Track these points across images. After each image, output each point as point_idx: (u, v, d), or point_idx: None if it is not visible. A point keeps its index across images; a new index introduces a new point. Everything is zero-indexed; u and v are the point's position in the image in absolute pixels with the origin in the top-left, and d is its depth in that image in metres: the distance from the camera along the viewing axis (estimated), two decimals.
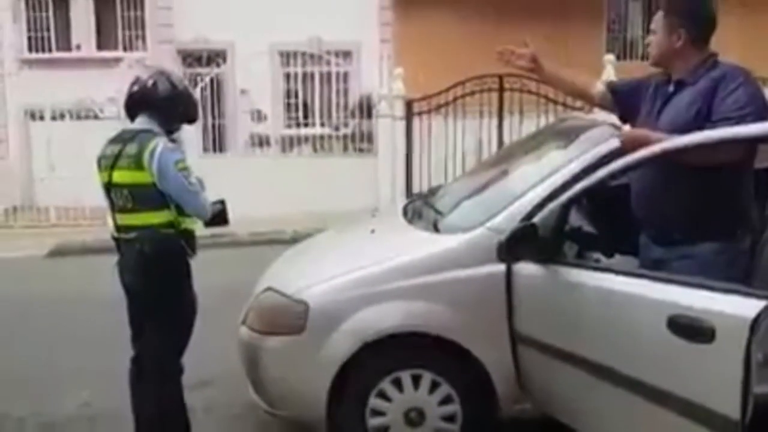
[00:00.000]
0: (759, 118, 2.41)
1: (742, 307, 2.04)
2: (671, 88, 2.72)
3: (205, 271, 3.28)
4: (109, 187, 3.01)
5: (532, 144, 4.07)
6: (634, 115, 2.86)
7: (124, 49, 13.74)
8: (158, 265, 2.95)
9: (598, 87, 3.05)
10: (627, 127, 2.90)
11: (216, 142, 11.69)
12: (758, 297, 2.04)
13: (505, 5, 12.67)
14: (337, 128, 12.14)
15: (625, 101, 2.94)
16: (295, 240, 6.25)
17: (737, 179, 2.59)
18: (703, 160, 2.45)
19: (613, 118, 3.13)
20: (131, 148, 2.94)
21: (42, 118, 10.98)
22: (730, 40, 11.95)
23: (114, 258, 3.14)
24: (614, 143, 2.81)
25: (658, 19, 2.74)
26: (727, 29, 10.67)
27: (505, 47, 3.15)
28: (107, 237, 3.26)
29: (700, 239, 2.55)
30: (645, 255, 2.80)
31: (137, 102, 3.07)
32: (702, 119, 2.50)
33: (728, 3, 12.28)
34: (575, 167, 2.97)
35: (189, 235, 3.04)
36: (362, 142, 11.41)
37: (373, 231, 3.70)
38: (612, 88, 3.02)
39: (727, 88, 2.49)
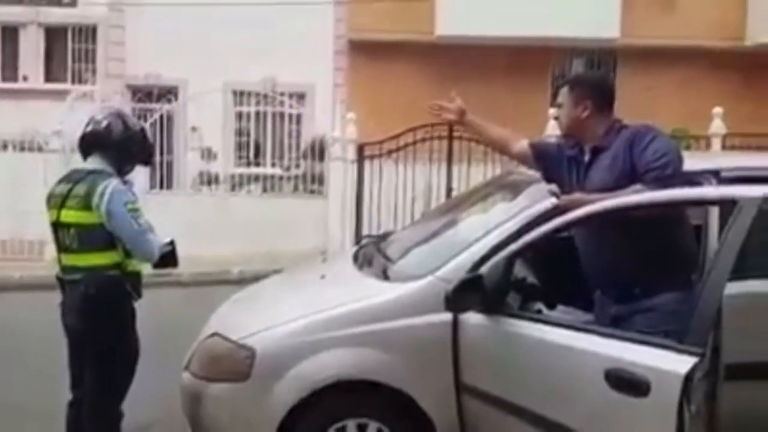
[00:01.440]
0: (678, 163, 2.60)
1: (676, 362, 2.14)
2: (587, 156, 2.87)
3: (148, 312, 3.23)
4: (56, 226, 2.96)
5: (480, 195, 4.18)
6: (555, 174, 3.00)
7: (73, 81, 13.54)
8: (102, 307, 2.89)
9: (522, 145, 3.16)
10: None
11: (163, 179, 11.54)
12: (690, 353, 2.14)
13: (455, 58, 13.05)
14: (288, 169, 12.15)
15: (548, 161, 3.06)
16: (241, 281, 6.20)
17: (683, 227, 2.74)
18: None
19: None
20: (81, 188, 2.91)
21: None
22: (669, 100, 12.62)
23: (50, 295, 3.08)
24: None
25: (565, 93, 2.92)
26: (665, 90, 11.19)
27: (435, 102, 3.26)
28: (44, 273, 3.20)
29: (659, 291, 2.64)
30: (602, 312, 2.85)
31: (90, 142, 3.05)
32: (625, 176, 2.64)
33: (669, 65, 13.02)
34: (521, 220, 3.06)
35: (135, 278, 3.00)
36: (313, 184, 11.43)
37: (323, 276, 3.71)
38: (535, 147, 3.14)
39: (642, 143, 2.65)
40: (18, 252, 9.95)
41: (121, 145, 3.01)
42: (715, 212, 2.89)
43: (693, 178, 2.68)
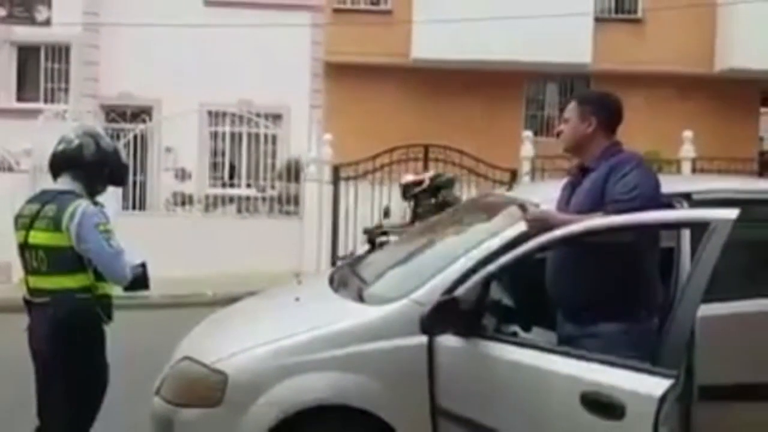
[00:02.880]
0: (648, 199, 2.62)
1: (651, 385, 2.14)
2: (580, 177, 2.92)
3: (117, 334, 3.15)
4: (24, 248, 2.90)
5: (456, 217, 4.19)
6: None
7: (45, 101, 13.39)
8: (71, 331, 2.82)
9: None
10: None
11: (137, 200, 11.40)
12: (664, 376, 2.14)
13: (431, 80, 13.17)
14: (263, 189, 12.09)
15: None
16: (215, 303, 6.10)
17: (641, 261, 2.75)
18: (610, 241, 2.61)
19: (534, 198, 3.26)
20: (50, 209, 2.85)
21: None
22: (640, 124, 12.88)
23: (11, 317, 2.99)
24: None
25: (572, 108, 2.95)
26: (636, 114, 11.38)
27: None
28: (11, 295, 3.12)
29: (605, 319, 2.67)
30: (560, 331, 2.91)
31: (61, 161, 2.99)
32: (596, 203, 2.69)
33: (641, 89, 13.32)
34: (496, 243, 3.05)
35: (106, 301, 2.94)
36: (288, 205, 11.38)
37: (297, 299, 3.67)
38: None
39: (618, 174, 2.70)
40: None
41: (93, 166, 2.96)
42: (687, 235, 2.92)
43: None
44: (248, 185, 12.63)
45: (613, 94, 3.05)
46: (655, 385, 2.13)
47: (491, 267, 2.81)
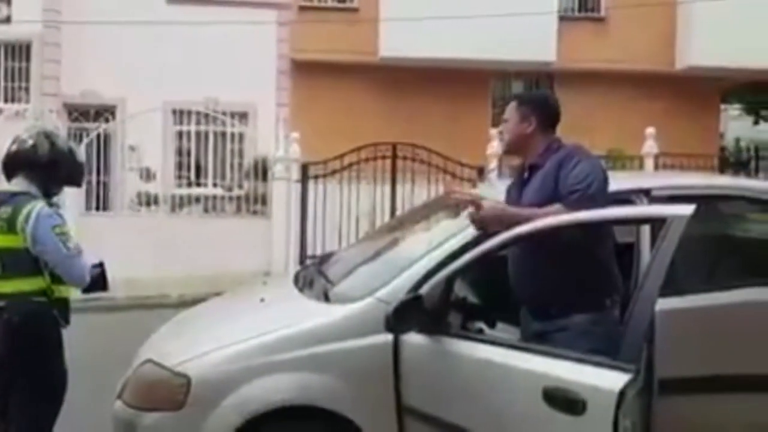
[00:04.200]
0: (601, 185, 2.69)
1: (610, 379, 2.17)
2: (526, 174, 2.95)
3: (79, 338, 3.10)
4: None
5: (422, 215, 4.19)
6: None
7: (6, 100, 13.07)
8: (27, 336, 2.76)
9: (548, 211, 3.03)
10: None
11: (100, 200, 11.20)
12: (624, 370, 2.17)
13: (398, 78, 13.18)
14: (230, 189, 11.97)
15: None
16: (181, 304, 6.02)
17: (602, 251, 2.79)
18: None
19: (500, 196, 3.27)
20: (4, 211, 2.79)
21: None
22: (604, 121, 13.03)
23: None
24: None
25: (511, 109, 2.99)
26: (600, 112, 11.56)
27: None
28: None
29: (574, 311, 2.70)
30: (525, 328, 2.93)
31: (15, 162, 2.92)
32: (551, 196, 2.72)
33: (604, 87, 13.48)
34: (461, 240, 3.06)
35: (63, 304, 2.87)
36: (256, 204, 11.29)
37: (262, 300, 3.64)
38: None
39: (569, 166, 2.75)
40: None
41: (48, 166, 2.89)
42: (646, 231, 2.97)
43: (617, 198, 2.76)
44: (215, 185, 12.51)
45: (551, 93, 3.11)
46: (615, 380, 2.16)
47: (455, 264, 2.82)
